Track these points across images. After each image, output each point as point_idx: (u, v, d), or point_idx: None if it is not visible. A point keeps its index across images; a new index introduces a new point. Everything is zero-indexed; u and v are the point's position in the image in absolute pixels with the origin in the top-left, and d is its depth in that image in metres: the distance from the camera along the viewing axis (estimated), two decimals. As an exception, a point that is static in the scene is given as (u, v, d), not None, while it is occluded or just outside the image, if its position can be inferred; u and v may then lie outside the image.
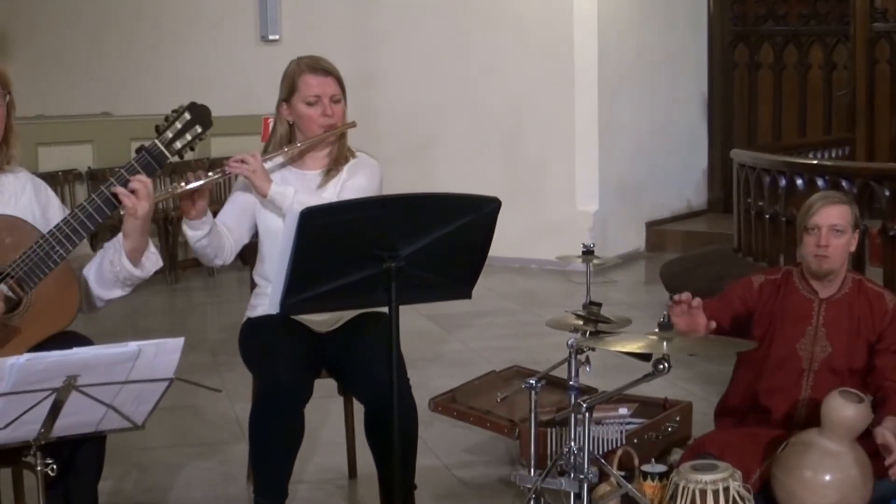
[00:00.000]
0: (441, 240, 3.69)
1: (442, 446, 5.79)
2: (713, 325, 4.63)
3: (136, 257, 3.96)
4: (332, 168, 4.74)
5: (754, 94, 13.16)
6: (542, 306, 8.85)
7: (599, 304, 4.89)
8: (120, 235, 3.96)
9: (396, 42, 11.60)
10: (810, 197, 4.79)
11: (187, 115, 4.05)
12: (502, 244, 10.70)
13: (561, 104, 10.96)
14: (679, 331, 4.34)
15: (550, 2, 11.02)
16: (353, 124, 4.74)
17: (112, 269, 3.97)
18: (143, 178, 3.88)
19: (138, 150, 3.98)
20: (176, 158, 4.10)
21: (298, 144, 4.67)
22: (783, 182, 7.97)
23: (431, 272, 3.78)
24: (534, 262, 10.60)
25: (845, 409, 4.34)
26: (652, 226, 11.90)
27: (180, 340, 3.31)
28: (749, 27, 13.21)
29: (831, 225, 4.66)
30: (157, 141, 3.98)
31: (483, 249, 3.86)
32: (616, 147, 11.16)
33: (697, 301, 4.61)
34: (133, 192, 3.84)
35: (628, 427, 5.29)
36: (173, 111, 4.06)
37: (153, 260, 4.04)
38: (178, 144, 4.03)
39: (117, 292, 4.05)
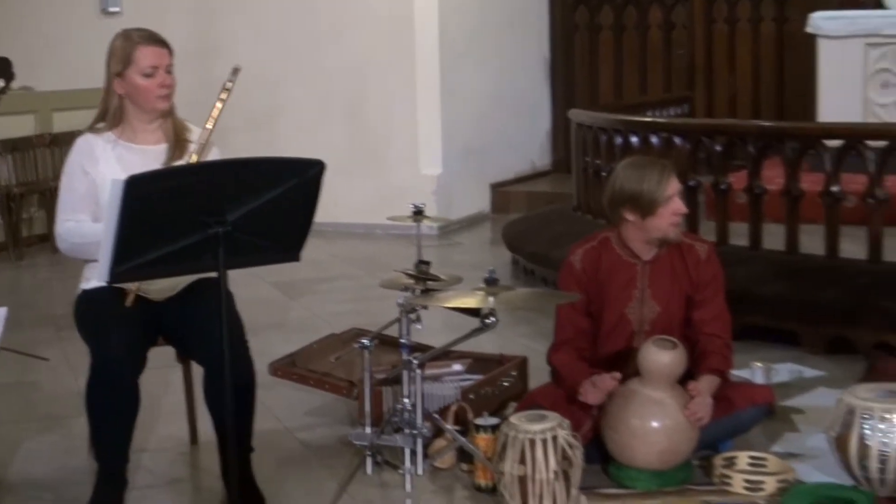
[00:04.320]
0: (267, 204, 3.73)
1: (283, 410, 5.83)
2: (617, 375, 4.69)
3: None
4: (178, 141, 4.70)
5: (595, 55, 13.32)
6: (386, 270, 8.87)
7: (428, 263, 4.96)
8: None
9: (237, 11, 11.54)
10: (633, 172, 4.81)
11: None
12: (347, 210, 10.85)
13: (403, 69, 11.01)
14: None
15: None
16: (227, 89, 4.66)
17: None
18: None
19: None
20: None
21: (209, 127, 4.58)
22: (619, 140, 8.12)
23: (259, 236, 3.81)
24: (378, 228, 10.65)
25: (661, 357, 4.50)
26: (496, 188, 12.03)
27: (3, 310, 3.32)
28: (590, -11, 13.37)
29: (680, 190, 4.80)
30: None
31: (309, 212, 3.90)
32: (459, 111, 11.25)
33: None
34: None
35: (465, 383, 5.40)
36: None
37: None
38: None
39: None
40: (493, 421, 4.77)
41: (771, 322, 6.72)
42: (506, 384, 5.54)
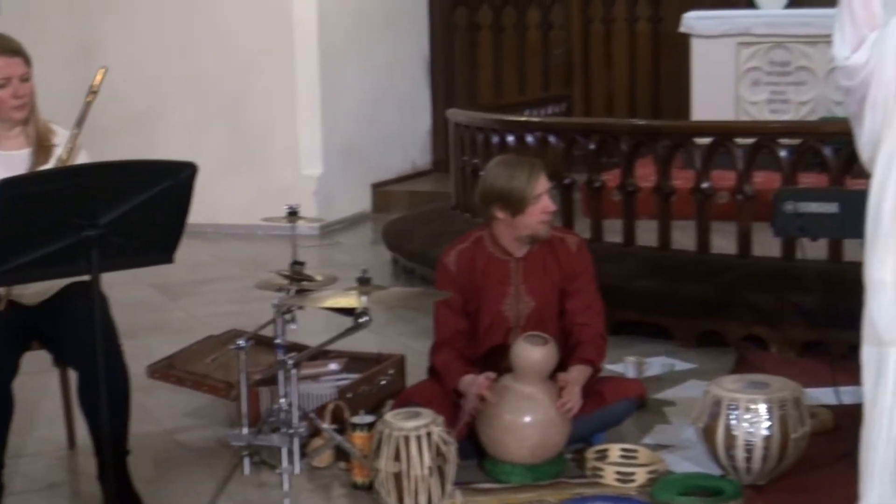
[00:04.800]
0: (140, 206, 3.75)
1: (162, 412, 5.84)
2: (491, 375, 4.75)
3: None
4: (41, 145, 4.67)
5: (475, 54, 13.39)
6: (266, 271, 8.87)
7: (303, 264, 5.01)
8: None
9: (117, 12, 11.44)
10: (503, 171, 4.90)
11: None
12: (228, 211, 10.81)
13: (282, 70, 11.00)
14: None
15: (268, -33, 11.04)
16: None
17: None
18: None
19: None
20: None
21: (76, 130, 4.54)
22: (496, 140, 8.21)
23: (132, 239, 3.83)
24: (259, 228, 10.60)
25: (532, 353, 4.58)
26: (377, 187, 12.06)
27: None
28: (469, -11, 13.44)
29: (549, 188, 4.89)
30: None
31: (182, 215, 3.92)
32: (339, 111, 11.26)
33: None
34: None
35: (343, 382, 5.45)
36: None
37: None
38: None
39: None
40: (369, 419, 4.83)
41: (644, 317, 6.86)
42: (384, 382, 5.60)
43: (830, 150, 6.62)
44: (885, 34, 3.40)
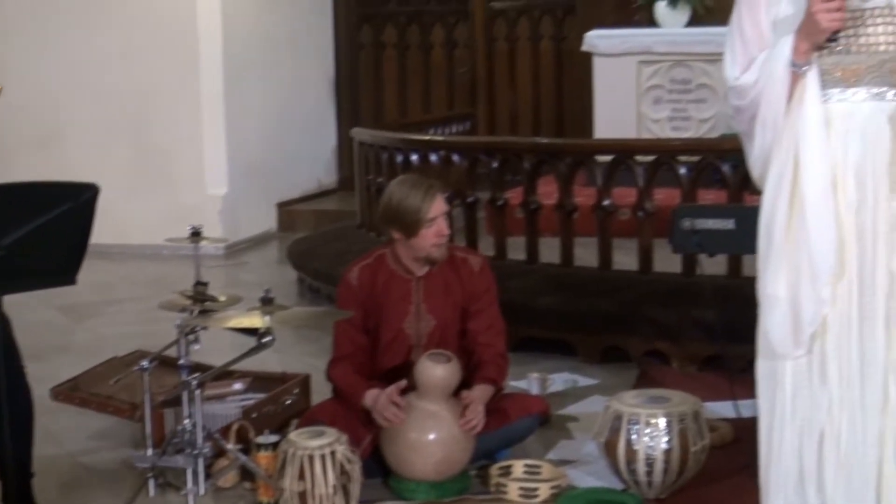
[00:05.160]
0: (42, 228, 3.74)
1: (67, 434, 5.80)
2: (402, 383, 4.79)
3: None
4: None
5: (380, 73, 13.45)
6: (172, 291, 8.85)
7: (206, 284, 5.01)
8: None
9: (21, 32, 11.34)
10: (399, 192, 4.94)
11: None
12: (134, 231, 10.74)
13: (188, 89, 10.97)
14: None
15: (173, -14, 11.01)
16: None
17: None
18: None
19: None
20: None
21: None
22: (400, 158, 8.25)
23: (34, 260, 3.82)
24: (165, 248, 10.57)
25: (435, 370, 4.63)
26: (283, 206, 12.06)
27: None
28: (373, 8, 13.45)
29: (445, 211, 4.93)
30: None
31: (84, 235, 3.92)
32: (244, 130, 11.25)
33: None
34: None
35: (247, 402, 5.46)
36: None
37: None
38: None
39: None
40: (274, 438, 4.84)
41: (548, 333, 6.92)
42: (289, 402, 5.61)
43: (729, 167, 6.74)
44: (774, 54, 3.47)
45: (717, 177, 6.99)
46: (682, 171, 6.91)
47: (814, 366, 3.46)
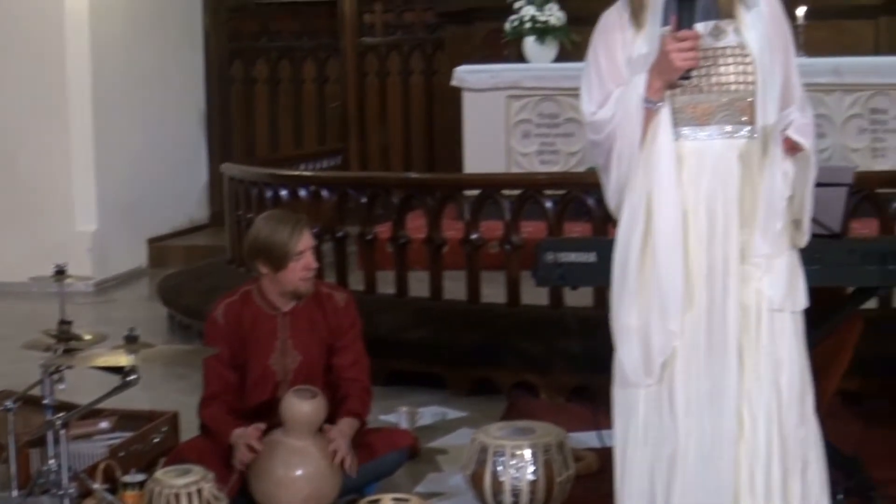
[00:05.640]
0: None
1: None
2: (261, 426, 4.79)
3: None
4: None
5: (251, 108, 13.45)
6: (39, 330, 8.74)
7: (70, 323, 4.98)
8: None
9: None
10: (267, 227, 4.97)
11: None
12: (2, 268, 10.55)
13: (56, 123, 10.85)
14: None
15: (41, 20, 10.86)
16: None
17: None
18: None
19: None
20: None
21: None
22: (270, 194, 8.25)
23: None
24: (33, 286, 10.44)
25: (301, 406, 4.65)
26: (154, 242, 11.99)
27: None
28: (244, 43, 13.46)
29: (312, 245, 4.96)
30: None
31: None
32: (114, 165, 11.16)
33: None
34: None
35: (114, 441, 5.42)
36: None
37: None
38: None
39: None
40: (141, 477, 4.81)
41: (417, 367, 6.98)
42: (157, 440, 5.59)
43: (594, 200, 6.83)
44: (628, 91, 3.56)
45: (584, 210, 7.10)
46: (549, 204, 7.01)
47: (664, 394, 3.56)
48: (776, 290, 3.57)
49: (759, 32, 3.58)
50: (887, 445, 5.74)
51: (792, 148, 3.58)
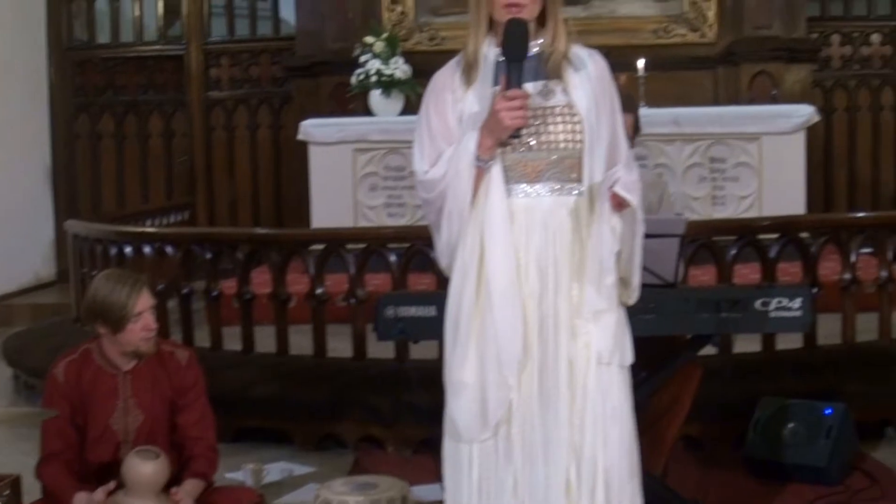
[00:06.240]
0: None
1: None
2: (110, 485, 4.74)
3: None
4: None
5: (98, 163, 13.32)
6: None
7: None
8: None
9: None
10: (104, 287, 4.89)
11: None
12: None
13: None
14: None
15: None
16: None
17: None
18: None
19: None
20: None
21: None
22: (114, 251, 8.18)
23: None
24: None
25: (143, 468, 4.61)
26: (-1, 301, 11.83)
27: None
28: (90, 97, 13.34)
29: (152, 306, 4.93)
30: None
31: None
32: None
33: None
34: None
35: (-47, 507, 5.32)
36: None
37: None
38: None
39: None
40: (-23, 544, 4.74)
41: (265, 422, 6.96)
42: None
43: (437, 254, 6.90)
44: (460, 150, 3.63)
45: (428, 262, 7.16)
46: (392, 257, 7.06)
47: (500, 448, 3.62)
48: (605, 344, 3.65)
49: (587, 93, 3.68)
50: (728, 490, 5.88)
51: (619, 204, 3.67)
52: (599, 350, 3.64)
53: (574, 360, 3.63)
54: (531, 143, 3.65)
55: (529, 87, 3.62)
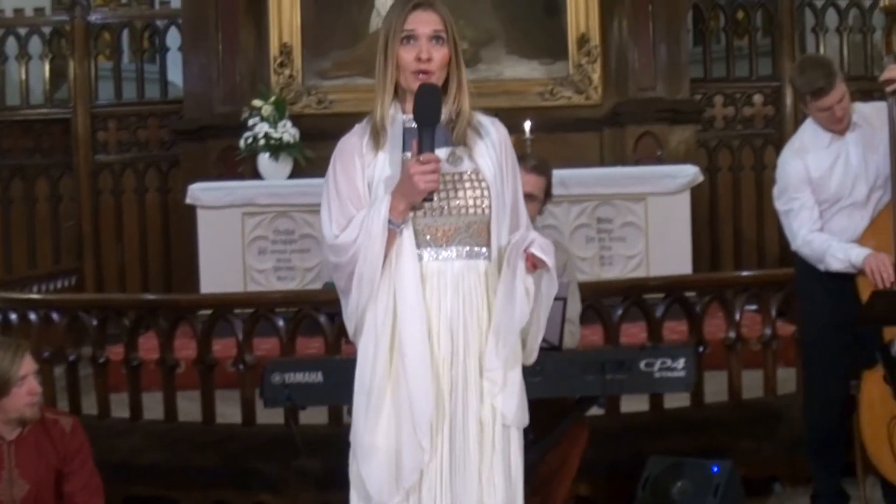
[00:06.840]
0: None
1: None
2: None
3: None
4: None
5: (-17, 228, 13.13)
6: None
7: None
8: None
9: None
10: None
11: None
12: None
13: None
14: None
15: None
16: None
17: None
18: None
19: None
20: None
21: None
22: (-1, 318, 8.07)
23: None
24: None
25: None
26: None
27: None
28: (-26, 162, 13.17)
29: (36, 370, 4.87)
30: None
31: None
32: None
33: None
34: None
35: None
36: None
37: None
38: None
39: None
40: None
41: (154, 491, 6.84)
42: None
43: (325, 318, 6.89)
44: (372, 213, 3.64)
45: (318, 327, 7.13)
46: (280, 322, 7.03)
47: (411, 511, 3.63)
48: (509, 406, 3.70)
49: (492, 160, 3.75)
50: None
51: (534, 265, 3.70)
52: (504, 412, 3.69)
53: (483, 423, 3.67)
54: (442, 208, 3.69)
55: (439, 153, 3.66)
